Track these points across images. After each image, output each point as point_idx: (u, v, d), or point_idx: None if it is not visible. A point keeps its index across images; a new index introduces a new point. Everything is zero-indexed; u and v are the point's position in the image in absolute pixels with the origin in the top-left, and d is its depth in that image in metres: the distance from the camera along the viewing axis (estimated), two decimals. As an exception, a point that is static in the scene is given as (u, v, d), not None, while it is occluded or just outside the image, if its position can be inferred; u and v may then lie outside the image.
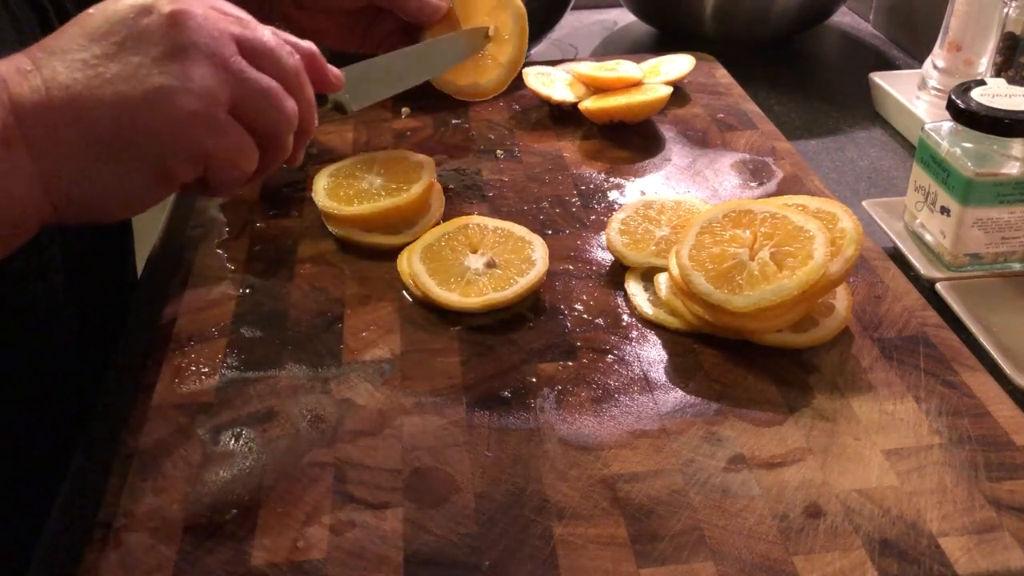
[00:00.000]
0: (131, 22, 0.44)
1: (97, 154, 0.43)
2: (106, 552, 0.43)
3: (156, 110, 0.43)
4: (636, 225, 0.63)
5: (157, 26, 0.44)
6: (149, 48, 0.44)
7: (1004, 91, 0.63)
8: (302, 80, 0.50)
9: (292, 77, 0.49)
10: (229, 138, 0.46)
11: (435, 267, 0.59)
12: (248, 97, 0.46)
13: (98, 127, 0.43)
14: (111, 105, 0.43)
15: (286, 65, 0.49)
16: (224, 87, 0.45)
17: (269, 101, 0.47)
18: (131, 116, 0.43)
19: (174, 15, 0.44)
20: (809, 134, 0.87)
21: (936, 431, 0.48)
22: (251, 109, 0.47)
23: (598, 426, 0.49)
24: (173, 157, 0.45)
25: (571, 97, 0.81)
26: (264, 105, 0.47)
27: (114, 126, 0.43)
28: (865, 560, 0.41)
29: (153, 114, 0.43)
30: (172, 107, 0.43)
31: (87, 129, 0.43)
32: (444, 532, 0.43)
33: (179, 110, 0.44)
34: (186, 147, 0.45)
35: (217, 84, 0.45)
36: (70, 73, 0.43)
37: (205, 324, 0.58)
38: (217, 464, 0.48)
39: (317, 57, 0.53)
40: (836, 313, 0.55)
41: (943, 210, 0.63)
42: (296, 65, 0.49)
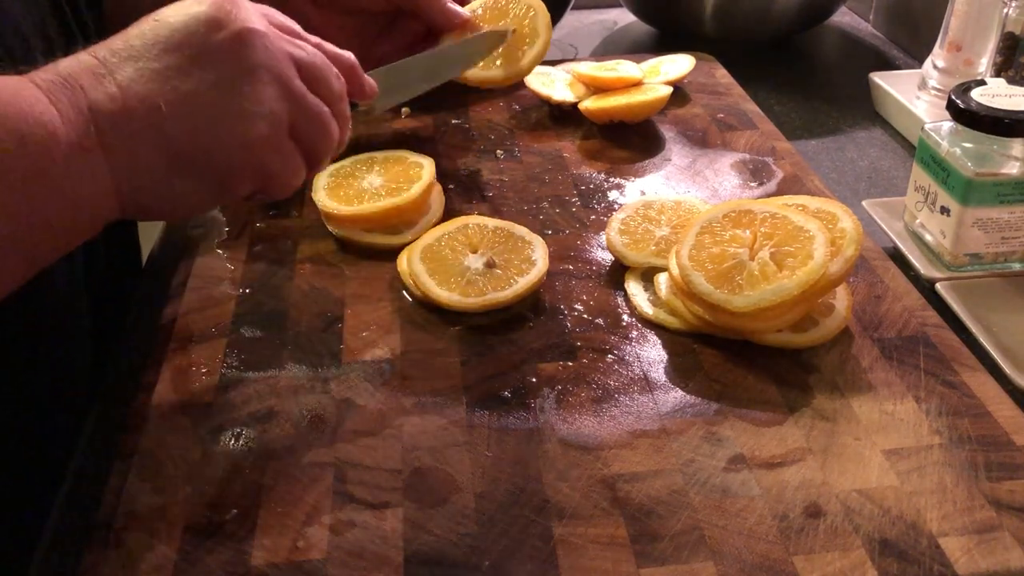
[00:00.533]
0: (202, 37, 0.45)
1: (171, 167, 0.45)
2: (106, 552, 0.43)
3: (232, 133, 0.46)
4: (636, 225, 0.63)
5: (227, 43, 0.45)
6: (221, 66, 0.45)
7: (1004, 91, 0.63)
8: (344, 103, 0.53)
9: (338, 101, 0.52)
10: (289, 159, 0.49)
11: (435, 267, 0.59)
12: (304, 120, 0.49)
13: (175, 143, 0.44)
14: (189, 124, 0.44)
15: (334, 89, 0.51)
16: (286, 110, 0.48)
17: (321, 125, 0.50)
18: (208, 137, 0.45)
19: (243, 34, 0.46)
20: (809, 134, 0.87)
21: (936, 431, 0.48)
22: (305, 131, 0.49)
23: (598, 426, 0.49)
24: (240, 174, 0.47)
25: (571, 97, 0.81)
26: (316, 128, 0.50)
27: (191, 144, 0.45)
28: (865, 560, 0.41)
29: (229, 136, 0.45)
30: (247, 131, 0.46)
31: (164, 144, 0.44)
32: (444, 532, 0.43)
33: (251, 135, 0.46)
34: (254, 167, 0.47)
35: (282, 108, 0.47)
36: (146, 84, 0.44)
37: (205, 324, 0.58)
38: (217, 464, 0.47)
39: (356, 68, 0.56)
40: (836, 313, 0.55)
41: (943, 210, 0.63)
42: (341, 89, 0.52)
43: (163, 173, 0.45)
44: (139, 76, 0.44)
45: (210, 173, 0.46)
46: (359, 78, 0.57)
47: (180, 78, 0.44)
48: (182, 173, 0.45)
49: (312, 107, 0.49)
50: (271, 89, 0.46)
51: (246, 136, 0.46)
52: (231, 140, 0.46)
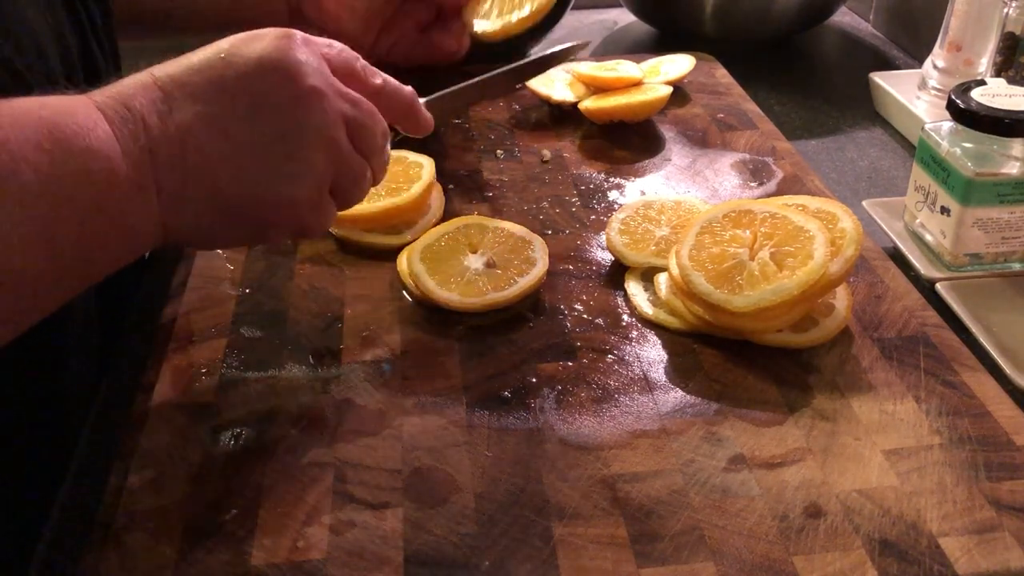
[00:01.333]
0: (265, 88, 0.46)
1: (215, 213, 0.46)
2: (106, 552, 0.43)
3: (279, 192, 0.47)
4: (636, 225, 0.63)
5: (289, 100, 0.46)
6: (278, 122, 0.46)
7: (1004, 91, 0.63)
8: (384, 155, 0.54)
9: (378, 153, 0.52)
10: (324, 214, 0.50)
11: (435, 267, 0.59)
12: (344, 179, 0.50)
13: (223, 194, 0.46)
14: (240, 179, 0.46)
15: (376, 145, 0.52)
16: (330, 170, 0.49)
17: (357, 180, 0.51)
18: (256, 193, 0.46)
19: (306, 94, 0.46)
20: (809, 134, 0.87)
21: (936, 431, 0.48)
22: (343, 187, 0.51)
23: (598, 426, 0.49)
24: (278, 228, 0.49)
25: (571, 97, 0.81)
26: (353, 183, 0.51)
27: (238, 197, 0.46)
28: (865, 560, 0.41)
29: (276, 195, 0.47)
30: (293, 192, 0.47)
31: (213, 193, 0.45)
32: (444, 532, 0.43)
33: (295, 196, 0.47)
34: (292, 223, 0.49)
35: (328, 171, 0.48)
36: (204, 131, 0.44)
37: (205, 324, 0.57)
38: (217, 464, 0.47)
39: (415, 105, 0.57)
40: (836, 313, 0.55)
41: (943, 210, 0.63)
42: (383, 144, 0.53)
43: (207, 217, 0.46)
44: (198, 120, 0.44)
45: (251, 223, 0.48)
46: (416, 115, 0.57)
47: (236, 128, 0.45)
48: (224, 220, 0.47)
49: (355, 167, 0.50)
50: (320, 152, 0.47)
51: (291, 196, 0.47)
52: (277, 198, 0.47)
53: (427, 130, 0.58)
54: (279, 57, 0.46)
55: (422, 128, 0.58)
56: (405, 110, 0.56)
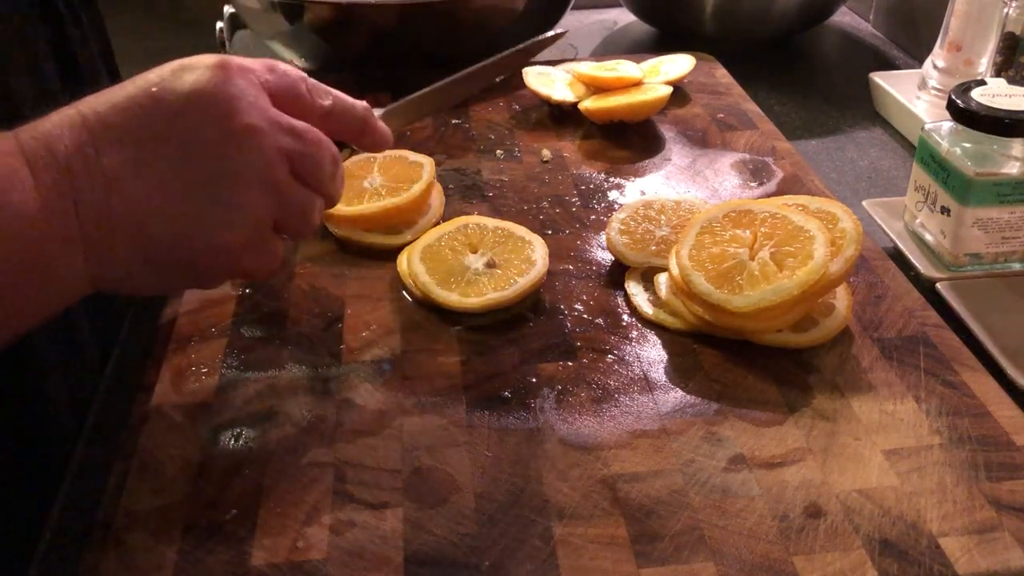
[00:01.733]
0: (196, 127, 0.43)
1: (147, 263, 0.44)
2: (106, 552, 0.43)
3: (210, 241, 0.44)
4: (636, 225, 0.63)
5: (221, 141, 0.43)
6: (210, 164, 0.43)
7: (1004, 91, 0.63)
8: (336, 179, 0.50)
9: (327, 180, 0.49)
10: (269, 255, 0.47)
11: (435, 267, 0.59)
12: (288, 213, 0.47)
13: (153, 243, 0.43)
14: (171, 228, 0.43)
15: (325, 173, 0.48)
16: (271, 209, 0.45)
17: (305, 214, 0.48)
18: (187, 241, 0.43)
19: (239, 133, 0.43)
20: (809, 134, 0.87)
21: (936, 431, 0.48)
22: (290, 223, 0.47)
23: (598, 426, 0.49)
24: (217, 274, 0.47)
25: (571, 97, 0.81)
26: (300, 218, 0.48)
27: (168, 245, 0.43)
28: (865, 560, 0.41)
29: (207, 245, 0.44)
30: (226, 239, 0.44)
31: (142, 242, 0.43)
32: (444, 532, 0.43)
33: (232, 242, 0.44)
34: (230, 268, 0.46)
35: (267, 210, 0.45)
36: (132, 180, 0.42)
37: (205, 324, 0.58)
38: (217, 464, 0.47)
39: (369, 120, 0.53)
40: (836, 313, 0.55)
41: (943, 210, 0.63)
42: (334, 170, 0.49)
43: (138, 266, 0.44)
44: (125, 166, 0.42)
45: (185, 270, 0.45)
46: (372, 130, 0.53)
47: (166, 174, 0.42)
48: (156, 268, 0.44)
49: (298, 201, 0.47)
50: (257, 193, 0.44)
51: (226, 243, 0.44)
52: (209, 245, 0.44)
53: (385, 146, 0.54)
54: (211, 92, 0.43)
55: (379, 145, 0.54)
56: (359, 128, 0.52)
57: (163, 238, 0.43)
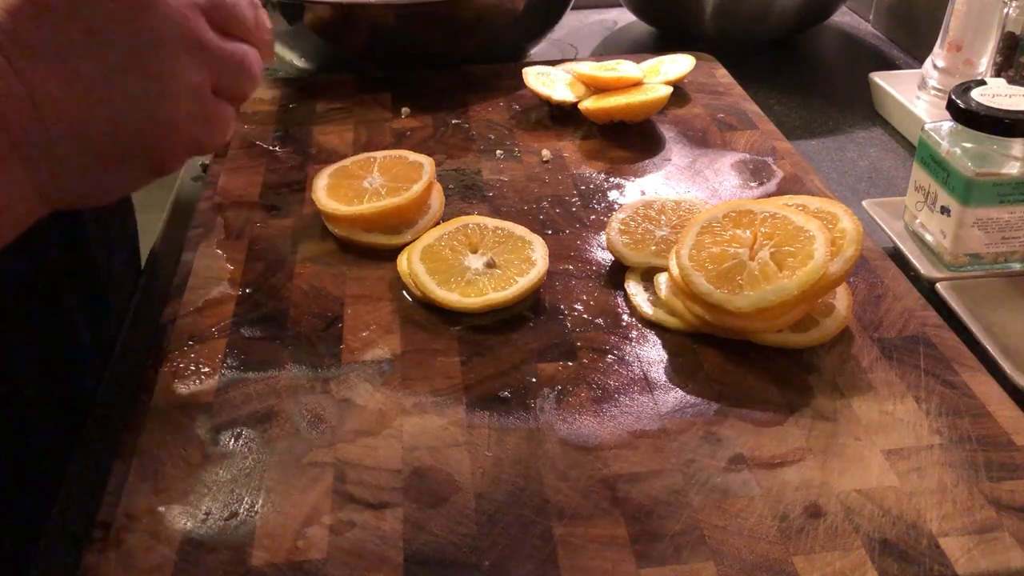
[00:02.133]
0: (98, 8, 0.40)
1: (95, 160, 0.42)
2: (106, 552, 0.43)
3: (152, 120, 0.42)
4: (636, 225, 0.63)
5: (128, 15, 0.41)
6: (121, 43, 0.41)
7: (1004, 91, 0.63)
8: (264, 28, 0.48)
9: (254, 29, 0.47)
10: (218, 121, 0.46)
11: (435, 267, 0.59)
12: (226, 72, 0.45)
13: (95, 139, 0.42)
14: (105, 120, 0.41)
15: (248, 19, 0.47)
16: (205, 72, 0.44)
17: (244, 71, 0.46)
18: (128, 127, 0.42)
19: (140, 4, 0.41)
20: (809, 134, 0.87)
21: (936, 431, 0.48)
22: (230, 82, 0.46)
23: (598, 426, 0.49)
24: (169, 152, 0.44)
25: (571, 97, 0.81)
26: (239, 73, 0.46)
27: (111, 133, 0.42)
28: (865, 560, 0.41)
29: (150, 124, 0.42)
30: (168, 114, 0.42)
31: (84, 138, 0.41)
32: (444, 532, 0.43)
33: (175, 115, 0.43)
34: (183, 144, 0.44)
35: (200, 74, 0.43)
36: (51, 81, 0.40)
37: (205, 324, 0.57)
38: (217, 464, 0.47)
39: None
40: (836, 313, 0.55)
41: (943, 210, 0.63)
42: (256, 15, 0.47)
43: (88, 166, 0.42)
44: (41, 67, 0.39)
45: (137, 157, 0.43)
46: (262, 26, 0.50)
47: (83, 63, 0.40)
48: (108, 165, 0.43)
49: (232, 57, 0.45)
50: (184, 58, 0.42)
51: (169, 117, 0.42)
52: (154, 125, 0.42)
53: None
54: None
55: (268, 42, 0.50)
56: None
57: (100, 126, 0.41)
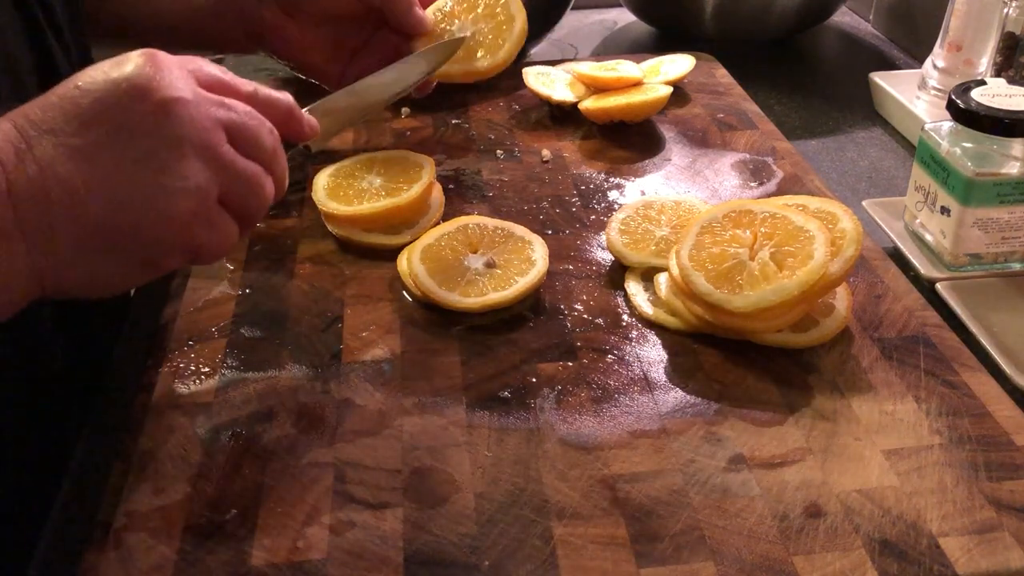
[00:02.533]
0: (123, 108, 0.43)
1: (93, 247, 0.43)
2: (106, 552, 0.43)
3: (154, 211, 0.43)
4: (636, 225, 0.63)
5: (150, 116, 0.43)
6: (142, 140, 0.43)
7: (1004, 91, 0.63)
8: (279, 156, 0.50)
9: (270, 156, 0.49)
10: (219, 229, 0.46)
11: (435, 267, 0.59)
12: (235, 186, 0.46)
13: (95, 224, 0.42)
14: (110, 202, 0.42)
15: (266, 146, 0.48)
16: (215, 180, 0.45)
17: (252, 188, 0.47)
18: (129, 216, 0.43)
19: (166, 105, 0.43)
20: (809, 134, 0.87)
21: (936, 431, 0.48)
22: (237, 196, 0.47)
23: (598, 426, 0.49)
24: (167, 251, 0.45)
25: (571, 97, 0.81)
26: (248, 192, 0.47)
27: (111, 224, 0.43)
28: (865, 560, 0.41)
29: (151, 215, 0.43)
30: (169, 208, 0.43)
31: (84, 226, 0.42)
32: (444, 532, 0.43)
33: (176, 211, 0.44)
34: (180, 244, 0.45)
35: (209, 179, 0.45)
36: (65, 164, 0.42)
37: (205, 324, 0.58)
38: (217, 464, 0.47)
39: (294, 109, 0.53)
40: (836, 313, 0.55)
41: (943, 210, 0.63)
42: (275, 143, 0.49)
43: (85, 254, 0.43)
44: (58, 154, 0.42)
45: (134, 251, 0.44)
46: (298, 120, 0.53)
47: (100, 155, 0.42)
48: (104, 253, 0.44)
49: (242, 172, 0.47)
50: (196, 162, 0.44)
51: (170, 212, 0.44)
52: (155, 217, 0.43)
53: (312, 134, 0.55)
54: (135, 74, 0.43)
55: (306, 132, 0.54)
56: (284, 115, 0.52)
57: (108, 219, 0.43)
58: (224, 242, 0.47)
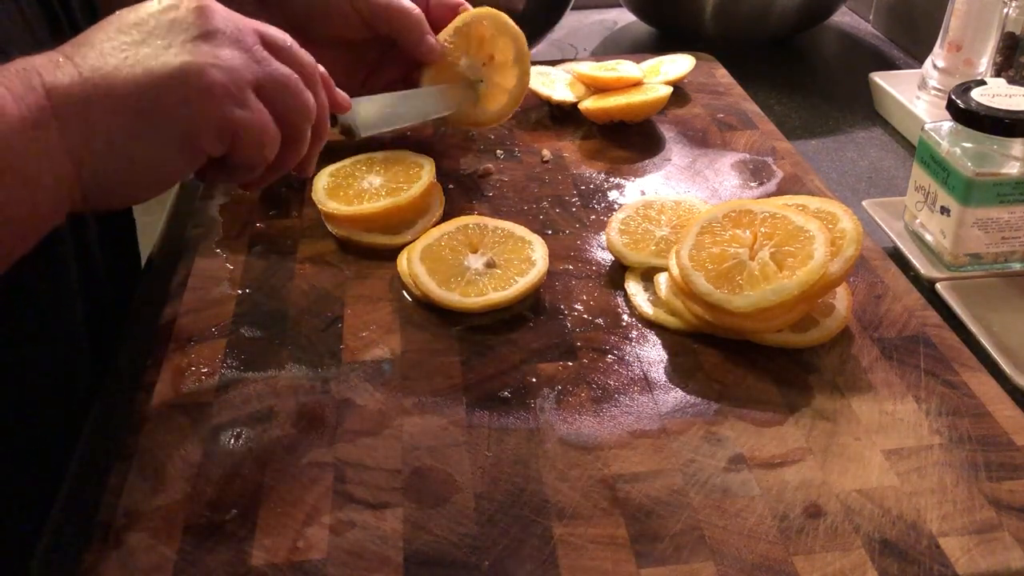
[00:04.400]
0: (160, 15, 0.46)
1: (127, 126, 0.44)
2: (106, 552, 0.43)
3: (185, 81, 0.45)
4: (636, 225, 0.63)
5: (184, 15, 0.46)
6: (178, 34, 0.46)
7: (1004, 91, 0.63)
8: (318, 77, 0.52)
9: (310, 72, 0.51)
10: (254, 113, 0.47)
11: (435, 267, 0.59)
12: (270, 82, 0.48)
13: (128, 100, 0.44)
14: (140, 79, 0.44)
15: (305, 61, 0.51)
16: (248, 69, 0.47)
17: (290, 89, 0.49)
18: (160, 87, 0.44)
19: (201, 6, 0.47)
20: (809, 134, 0.87)
21: (936, 431, 0.48)
22: (274, 93, 0.49)
23: (598, 426, 0.49)
24: (202, 127, 0.46)
25: (571, 97, 0.81)
26: (286, 92, 0.49)
27: (144, 98, 0.44)
28: (865, 560, 0.41)
29: (182, 85, 0.45)
30: (200, 79, 0.45)
31: (117, 103, 0.44)
32: (444, 532, 0.43)
33: (207, 81, 0.45)
34: (214, 117, 0.46)
35: (242, 64, 0.47)
36: (101, 58, 0.44)
37: (205, 324, 0.57)
38: (217, 464, 0.47)
39: (326, 76, 0.56)
40: (836, 313, 0.55)
41: (943, 210, 0.63)
42: (313, 64, 0.52)
43: (120, 135, 0.44)
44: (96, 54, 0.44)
45: (168, 129, 0.45)
46: (330, 86, 0.56)
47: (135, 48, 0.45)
48: (140, 131, 0.44)
49: (278, 70, 0.49)
50: (229, 48, 0.47)
51: (200, 83, 0.45)
52: (184, 89, 0.45)
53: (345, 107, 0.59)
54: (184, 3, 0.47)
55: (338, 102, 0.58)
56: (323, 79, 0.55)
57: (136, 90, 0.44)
58: (261, 133, 0.48)
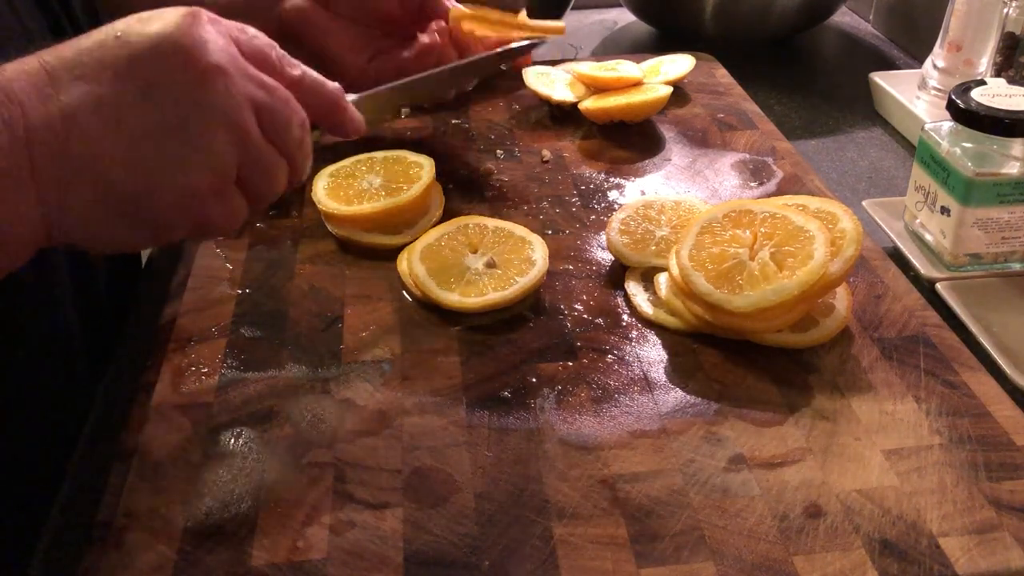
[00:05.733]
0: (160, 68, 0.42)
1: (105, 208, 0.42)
2: (106, 552, 0.43)
3: (174, 182, 0.43)
4: (636, 225, 0.63)
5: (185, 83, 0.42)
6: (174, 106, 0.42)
7: (1004, 91, 0.63)
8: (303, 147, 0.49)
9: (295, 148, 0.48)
10: (232, 208, 0.46)
11: (435, 267, 0.59)
12: (253, 169, 0.45)
13: (114, 187, 0.42)
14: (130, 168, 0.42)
15: (292, 136, 0.47)
16: (236, 158, 0.44)
17: (271, 175, 0.47)
18: (150, 184, 0.42)
19: (206, 73, 0.42)
20: (809, 134, 0.87)
21: (936, 431, 0.48)
22: (252, 179, 0.46)
23: (598, 426, 0.49)
24: (177, 222, 0.44)
25: (571, 97, 0.81)
26: (265, 177, 0.46)
27: (130, 189, 0.42)
28: (865, 560, 0.41)
29: (171, 185, 0.42)
30: (189, 182, 0.43)
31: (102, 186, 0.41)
32: (444, 532, 0.43)
33: (195, 185, 0.43)
34: (193, 217, 0.44)
35: (231, 156, 0.44)
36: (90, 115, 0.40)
37: (205, 324, 0.57)
38: (217, 464, 0.47)
39: (340, 102, 0.51)
40: (836, 313, 0.55)
41: (943, 210, 0.63)
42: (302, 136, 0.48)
43: (98, 213, 0.42)
44: (85, 103, 0.40)
45: (145, 218, 0.43)
46: (341, 112, 0.52)
47: (128, 114, 0.41)
48: (117, 216, 0.43)
49: (264, 157, 0.46)
50: (223, 136, 0.43)
51: (190, 186, 0.43)
52: (172, 189, 0.43)
53: (357, 132, 0.53)
54: (178, 35, 0.42)
55: (349, 129, 0.52)
56: (329, 107, 0.50)
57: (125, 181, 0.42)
58: (233, 220, 0.46)
